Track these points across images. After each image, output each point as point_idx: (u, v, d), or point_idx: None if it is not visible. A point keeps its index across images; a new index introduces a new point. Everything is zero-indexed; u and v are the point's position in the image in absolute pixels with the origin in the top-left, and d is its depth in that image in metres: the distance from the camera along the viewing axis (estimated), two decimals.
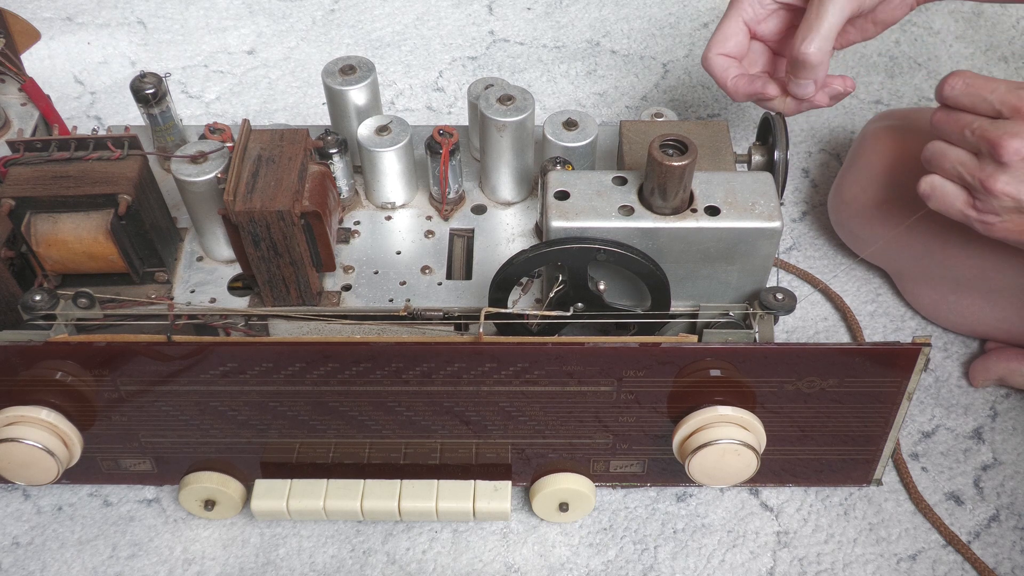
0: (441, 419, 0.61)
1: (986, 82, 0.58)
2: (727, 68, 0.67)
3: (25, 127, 0.70)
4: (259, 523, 0.67)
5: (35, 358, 0.57)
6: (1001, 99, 0.57)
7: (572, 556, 0.65)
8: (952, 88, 0.60)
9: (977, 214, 0.59)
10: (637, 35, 1.04)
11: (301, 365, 0.57)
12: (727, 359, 0.56)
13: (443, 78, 1.00)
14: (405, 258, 0.66)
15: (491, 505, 0.63)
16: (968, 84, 0.59)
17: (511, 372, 0.57)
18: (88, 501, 0.68)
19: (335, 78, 0.68)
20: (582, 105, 0.97)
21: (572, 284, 0.59)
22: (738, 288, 0.61)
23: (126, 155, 0.62)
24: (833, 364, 0.57)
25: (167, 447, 0.63)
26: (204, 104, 0.97)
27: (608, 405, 0.59)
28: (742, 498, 0.68)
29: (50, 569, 0.65)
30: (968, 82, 0.59)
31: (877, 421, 0.61)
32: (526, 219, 0.69)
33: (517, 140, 0.66)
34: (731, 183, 0.59)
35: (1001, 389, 0.73)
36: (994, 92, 0.58)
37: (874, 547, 0.66)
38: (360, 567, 0.65)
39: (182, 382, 0.58)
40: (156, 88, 0.68)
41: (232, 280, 0.66)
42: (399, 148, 0.66)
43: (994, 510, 0.67)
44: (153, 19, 1.06)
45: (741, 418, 0.58)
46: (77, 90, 0.98)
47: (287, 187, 0.58)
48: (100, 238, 0.61)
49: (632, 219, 0.58)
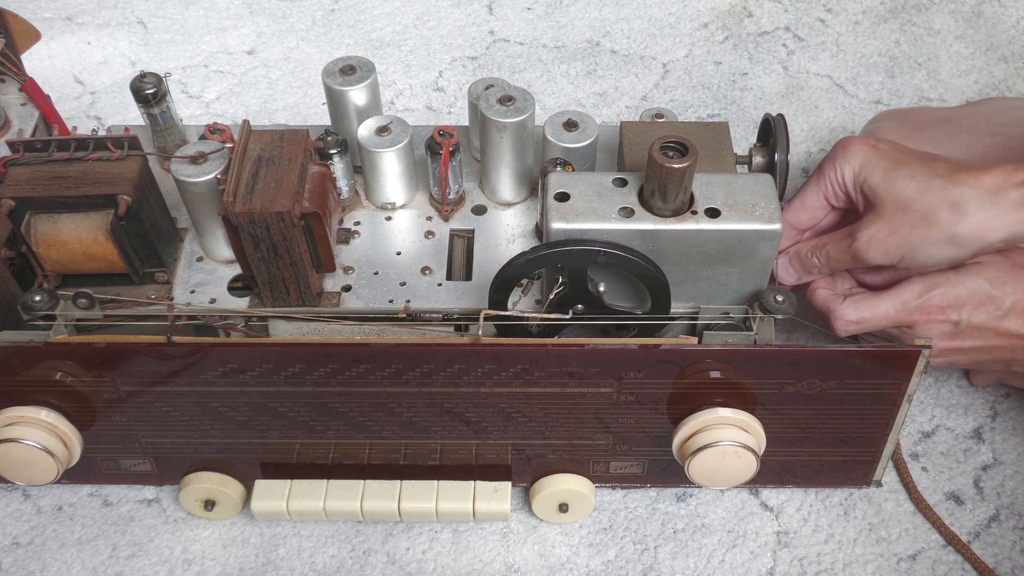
0: (441, 420, 0.61)
1: (876, 314, 0.62)
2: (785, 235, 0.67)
3: (25, 127, 0.70)
4: (259, 523, 0.67)
5: (35, 358, 0.57)
6: (893, 320, 0.62)
7: (572, 556, 0.65)
8: (847, 332, 0.64)
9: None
10: (637, 35, 1.04)
11: (301, 366, 0.57)
12: (727, 361, 0.56)
13: (443, 78, 1.00)
14: (405, 259, 0.66)
15: (491, 506, 0.63)
16: (859, 323, 0.63)
17: (511, 373, 0.57)
18: (88, 501, 0.68)
19: (335, 78, 0.68)
20: (582, 105, 0.97)
21: (572, 286, 0.59)
22: (738, 290, 0.61)
23: (126, 155, 0.62)
24: (833, 366, 0.57)
25: (167, 447, 0.63)
26: (204, 104, 0.97)
27: (608, 406, 0.59)
28: (742, 498, 0.68)
29: (50, 569, 0.65)
30: (857, 320, 0.63)
31: (877, 423, 0.61)
32: (526, 220, 0.69)
33: (517, 141, 0.66)
34: (731, 185, 0.59)
35: (1001, 389, 0.73)
36: (886, 319, 0.62)
37: (874, 547, 0.66)
38: (360, 567, 0.65)
39: (182, 382, 0.58)
40: (156, 88, 0.68)
41: (232, 281, 0.66)
42: (399, 148, 0.66)
43: (994, 510, 0.67)
44: (153, 19, 1.06)
45: (741, 420, 0.58)
46: (77, 90, 0.98)
47: (287, 188, 0.58)
48: (100, 238, 0.61)
49: (632, 221, 0.58)
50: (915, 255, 0.60)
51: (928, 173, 0.59)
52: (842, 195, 0.64)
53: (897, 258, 0.61)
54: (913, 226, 0.59)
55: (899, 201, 0.59)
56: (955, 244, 0.59)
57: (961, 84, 0.98)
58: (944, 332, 0.62)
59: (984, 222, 0.58)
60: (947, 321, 0.61)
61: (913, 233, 0.59)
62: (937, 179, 0.59)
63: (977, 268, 0.61)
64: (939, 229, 0.58)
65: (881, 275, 0.65)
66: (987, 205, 0.58)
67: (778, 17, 1.06)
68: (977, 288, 0.61)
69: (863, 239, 0.61)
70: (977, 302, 0.61)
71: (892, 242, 0.60)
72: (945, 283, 0.61)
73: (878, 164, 0.61)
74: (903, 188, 0.59)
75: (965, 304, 0.61)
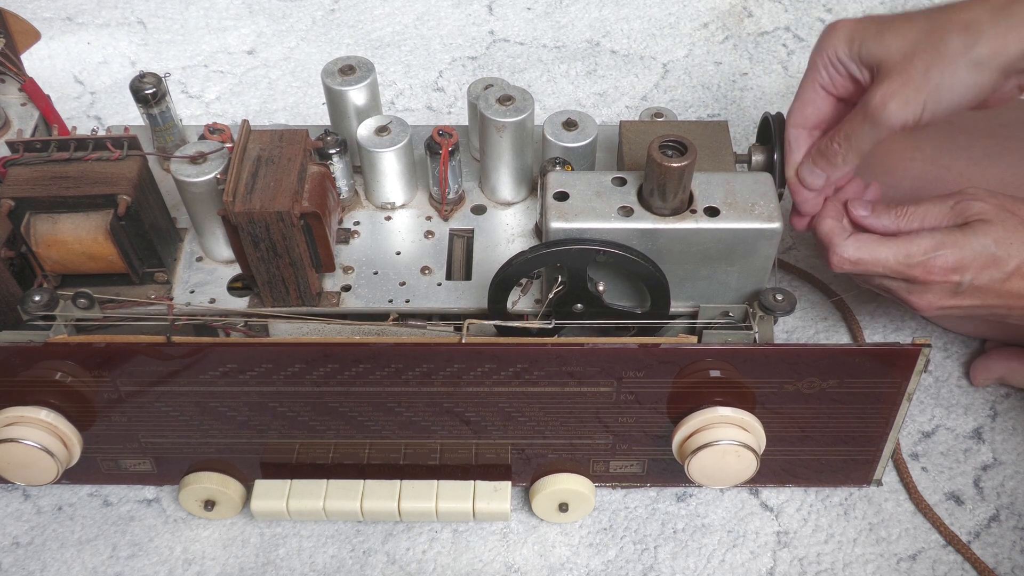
0: (441, 419, 0.61)
1: (876, 259, 0.60)
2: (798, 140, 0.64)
3: (25, 127, 0.70)
4: (259, 523, 0.67)
5: (35, 358, 0.57)
6: (892, 270, 0.59)
7: (572, 556, 0.65)
8: (841, 269, 0.61)
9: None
10: (637, 35, 1.04)
11: (301, 366, 0.57)
12: (727, 360, 0.56)
13: (443, 78, 1.00)
14: (405, 258, 0.66)
15: (491, 505, 0.63)
16: (857, 263, 0.60)
17: (511, 373, 0.57)
18: (88, 501, 0.68)
19: (335, 78, 0.68)
20: (582, 105, 0.97)
21: (572, 285, 0.59)
22: (738, 289, 0.61)
23: (126, 155, 0.62)
24: (833, 365, 0.57)
25: (167, 447, 0.63)
26: (204, 104, 0.97)
27: (608, 406, 0.59)
28: (742, 498, 0.68)
29: (50, 569, 0.65)
30: (856, 260, 0.60)
31: (877, 421, 0.61)
32: (526, 219, 0.69)
33: (517, 140, 0.66)
34: (731, 184, 0.59)
35: (1001, 389, 0.73)
36: (884, 267, 0.59)
37: (874, 547, 0.66)
38: (360, 567, 0.65)
39: (182, 382, 0.58)
40: (156, 88, 0.68)
41: (232, 280, 0.66)
42: (399, 148, 0.66)
43: (994, 510, 0.67)
44: (153, 19, 1.06)
45: (741, 419, 0.58)
46: (77, 90, 0.98)
47: (287, 188, 0.58)
48: (100, 238, 0.61)
49: (632, 220, 0.58)
50: (939, 97, 0.56)
51: (924, 15, 0.57)
52: (840, 78, 0.61)
53: (920, 107, 0.57)
54: (928, 67, 0.56)
55: (903, 50, 0.57)
56: (976, 69, 0.55)
57: None
58: (944, 292, 0.60)
59: (1000, 37, 0.55)
60: (949, 282, 0.59)
61: (929, 73, 0.56)
62: (937, 13, 0.57)
63: (985, 228, 0.59)
64: (955, 58, 0.55)
65: (890, 217, 0.61)
66: (999, 20, 0.55)
67: (778, 17, 1.06)
68: (983, 250, 0.59)
69: (877, 98, 0.57)
70: (982, 264, 0.59)
71: (909, 91, 0.56)
72: (953, 244, 0.59)
73: (868, 30, 0.59)
74: (904, 36, 0.57)
75: (970, 267, 0.59)
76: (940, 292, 0.60)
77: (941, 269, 0.59)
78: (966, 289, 0.59)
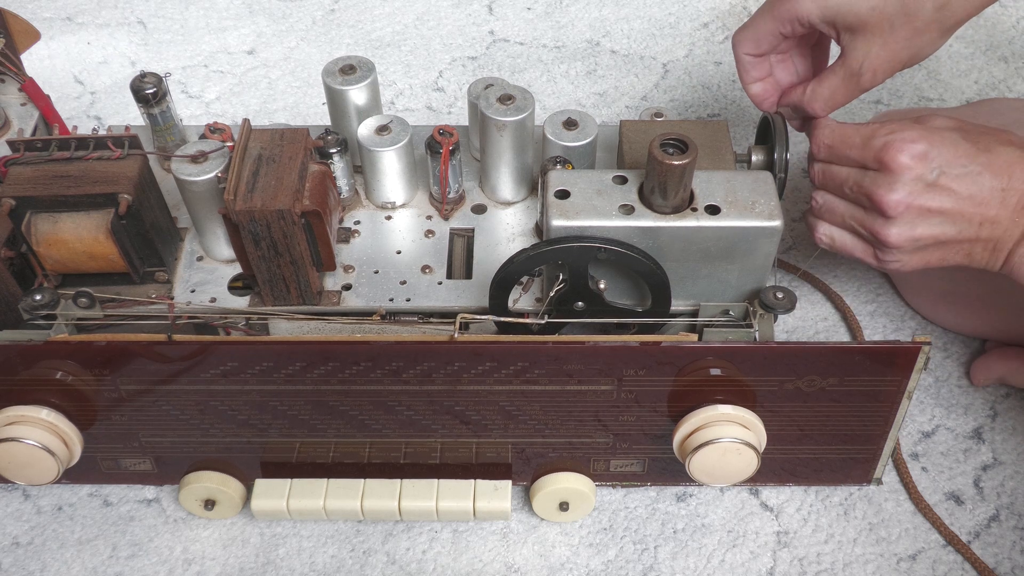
0: (441, 418, 0.61)
1: (845, 137, 0.60)
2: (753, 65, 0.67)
3: (25, 127, 0.70)
4: (259, 523, 0.67)
5: (35, 358, 0.57)
6: (860, 154, 0.59)
7: (572, 556, 0.65)
8: (819, 150, 0.62)
9: (877, 262, 0.61)
10: (637, 35, 1.04)
11: (301, 364, 0.57)
12: (727, 358, 0.56)
13: (443, 78, 1.00)
14: (405, 258, 0.66)
15: (491, 504, 0.63)
16: (831, 146, 0.61)
17: (511, 371, 0.57)
18: (88, 501, 0.68)
19: (335, 78, 0.68)
20: (582, 105, 0.97)
21: (572, 283, 0.59)
22: (738, 287, 0.61)
23: (126, 155, 0.62)
24: (833, 363, 0.57)
25: (167, 447, 0.63)
26: (204, 104, 0.97)
27: (608, 404, 0.59)
28: (742, 498, 0.68)
29: (50, 569, 0.65)
30: (830, 142, 0.61)
31: (877, 420, 0.61)
32: (526, 218, 0.69)
33: (517, 140, 0.66)
34: (731, 182, 0.59)
35: (1001, 389, 0.73)
36: (852, 148, 0.60)
37: (874, 547, 0.66)
38: (360, 567, 0.65)
39: (182, 382, 0.58)
40: (156, 88, 0.68)
41: (232, 280, 0.66)
42: (399, 148, 0.66)
43: (994, 510, 0.67)
44: (153, 19, 1.06)
45: (742, 417, 0.58)
46: (77, 90, 0.98)
47: (287, 186, 0.58)
48: (100, 238, 0.61)
49: (632, 218, 0.58)
50: (910, 60, 0.61)
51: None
52: (801, 29, 0.63)
53: (895, 70, 0.61)
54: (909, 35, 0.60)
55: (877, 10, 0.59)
56: (946, 33, 0.60)
57: (961, 84, 0.98)
58: (915, 185, 0.57)
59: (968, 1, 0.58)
60: (917, 170, 0.57)
61: (911, 40, 0.60)
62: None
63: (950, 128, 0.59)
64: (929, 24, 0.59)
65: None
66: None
67: None
68: (950, 138, 0.58)
69: (866, 72, 0.61)
70: (950, 155, 0.57)
71: (890, 56, 0.60)
72: (920, 127, 0.59)
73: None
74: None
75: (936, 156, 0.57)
76: (910, 184, 0.57)
77: (909, 149, 0.57)
78: (936, 181, 0.57)
